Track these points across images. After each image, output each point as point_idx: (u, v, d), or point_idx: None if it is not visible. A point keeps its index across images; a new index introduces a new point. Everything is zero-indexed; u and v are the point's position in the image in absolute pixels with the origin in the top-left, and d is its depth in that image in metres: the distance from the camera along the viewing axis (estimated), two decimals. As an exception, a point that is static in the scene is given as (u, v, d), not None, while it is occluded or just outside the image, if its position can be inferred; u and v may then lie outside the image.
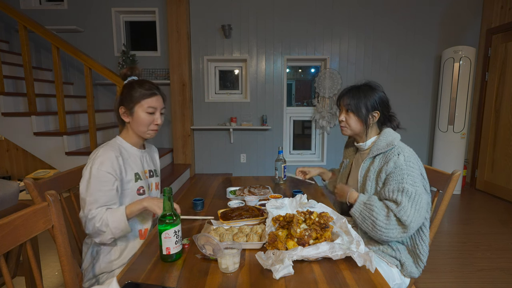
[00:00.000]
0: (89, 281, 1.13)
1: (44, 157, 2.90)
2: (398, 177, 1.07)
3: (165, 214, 0.86)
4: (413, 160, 1.11)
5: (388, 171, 1.11)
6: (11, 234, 0.71)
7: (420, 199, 1.04)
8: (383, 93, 1.25)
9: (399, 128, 1.29)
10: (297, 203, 1.13)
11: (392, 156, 1.12)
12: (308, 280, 0.76)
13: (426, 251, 1.11)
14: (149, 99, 1.17)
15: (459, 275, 1.96)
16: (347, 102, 1.24)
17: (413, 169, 1.08)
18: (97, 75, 3.79)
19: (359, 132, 1.26)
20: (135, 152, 1.23)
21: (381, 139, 1.19)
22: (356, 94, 1.23)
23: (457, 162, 3.54)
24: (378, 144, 1.19)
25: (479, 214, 3.01)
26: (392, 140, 1.16)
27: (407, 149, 1.14)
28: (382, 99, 1.23)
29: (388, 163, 1.12)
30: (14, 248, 1.13)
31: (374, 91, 1.23)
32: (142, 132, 1.20)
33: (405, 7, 3.68)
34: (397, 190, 1.05)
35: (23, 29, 2.71)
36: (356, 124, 1.24)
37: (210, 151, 3.96)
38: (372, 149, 1.20)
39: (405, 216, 1.01)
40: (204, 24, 3.71)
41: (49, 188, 1.04)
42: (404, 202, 1.03)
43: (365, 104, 1.21)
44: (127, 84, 1.20)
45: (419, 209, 1.03)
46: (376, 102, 1.22)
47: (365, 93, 1.22)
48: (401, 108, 3.83)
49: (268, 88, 3.85)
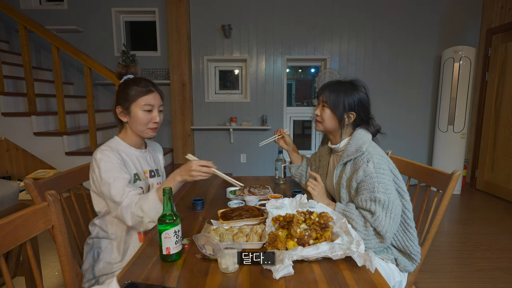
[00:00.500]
0: (89, 282, 1.13)
1: (44, 157, 2.90)
2: (370, 186, 1.04)
3: (165, 214, 0.86)
4: (383, 166, 1.07)
5: (358, 179, 1.08)
6: (11, 234, 0.71)
7: (394, 207, 1.01)
8: (365, 95, 1.19)
9: (380, 133, 1.24)
10: (297, 203, 1.13)
11: (361, 163, 1.08)
12: (308, 280, 0.76)
13: (417, 249, 1.11)
14: (145, 96, 1.14)
15: (459, 275, 1.96)
16: (325, 96, 1.19)
17: (383, 175, 1.05)
18: (97, 75, 3.79)
19: (332, 130, 1.22)
20: (134, 152, 1.21)
21: (351, 144, 1.15)
22: (336, 90, 1.18)
23: (457, 162, 3.54)
24: (348, 149, 1.15)
25: (479, 214, 3.01)
26: (361, 145, 1.11)
27: (376, 154, 1.09)
28: (361, 100, 1.18)
29: (357, 171, 1.08)
30: (14, 248, 1.12)
31: (355, 91, 1.18)
32: (141, 131, 1.18)
33: (405, 7, 3.68)
34: (370, 199, 1.03)
35: (23, 29, 2.71)
36: (330, 120, 1.19)
37: (210, 151, 3.96)
38: (343, 155, 1.17)
39: (380, 227, 1.00)
40: (204, 24, 3.71)
41: (49, 188, 1.04)
42: (378, 212, 1.01)
43: (342, 102, 1.16)
44: (123, 83, 1.17)
45: (393, 217, 1.01)
46: (354, 102, 1.16)
47: (345, 90, 1.17)
48: (401, 108, 3.83)
49: (268, 88, 3.85)
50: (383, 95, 3.82)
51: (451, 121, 3.51)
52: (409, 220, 1.11)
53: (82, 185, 1.29)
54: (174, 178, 1.06)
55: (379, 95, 3.81)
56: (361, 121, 1.20)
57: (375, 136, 1.22)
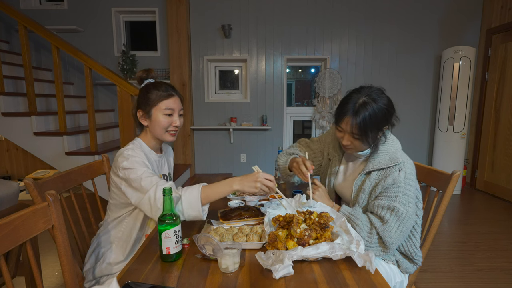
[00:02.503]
0: (90, 282, 1.13)
1: (44, 157, 2.90)
2: (392, 194, 1.00)
3: (165, 214, 0.86)
4: (412, 178, 1.04)
5: (385, 186, 1.03)
6: (11, 234, 0.71)
7: (408, 221, 0.99)
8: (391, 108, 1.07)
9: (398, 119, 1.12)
10: (296, 203, 1.13)
11: (392, 171, 1.03)
12: (308, 280, 0.76)
13: (419, 254, 1.11)
14: (166, 100, 1.15)
15: (459, 275, 1.96)
16: (355, 129, 1.02)
17: (410, 187, 1.02)
18: (97, 75, 3.79)
19: (365, 149, 1.12)
20: (153, 157, 1.22)
21: (382, 151, 1.08)
22: (363, 122, 1.00)
23: (457, 162, 3.54)
24: (381, 157, 1.07)
25: (479, 214, 3.01)
26: (395, 153, 1.06)
27: (409, 164, 1.05)
28: (391, 113, 1.06)
29: (386, 179, 1.03)
30: (14, 248, 1.12)
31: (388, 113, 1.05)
32: (161, 135, 1.18)
33: (405, 7, 3.68)
34: (387, 207, 0.99)
35: (23, 29, 2.71)
36: (362, 146, 1.09)
37: (210, 151, 3.96)
38: (373, 162, 1.08)
39: (388, 237, 0.97)
40: (204, 24, 3.71)
41: (49, 188, 1.04)
42: (391, 221, 0.97)
43: (376, 129, 1.04)
44: (144, 87, 1.19)
45: (404, 231, 0.99)
46: (385, 120, 1.05)
47: (372, 117, 1.01)
48: (401, 108, 3.83)
49: (268, 88, 3.85)
50: (383, 95, 3.82)
51: (451, 121, 3.50)
52: (417, 226, 1.09)
53: (82, 185, 1.29)
54: (232, 184, 1.00)
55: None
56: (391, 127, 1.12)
57: None
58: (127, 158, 1.06)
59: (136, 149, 1.11)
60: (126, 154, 1.08)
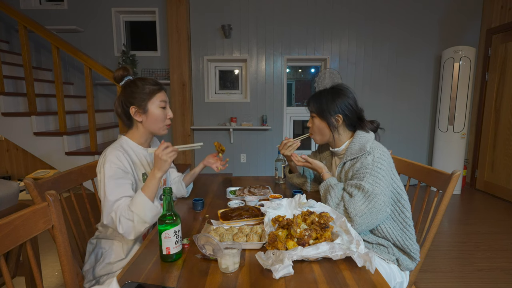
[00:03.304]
0: (90, 283, 1.12)
1: (44, 157, 2.91)
2: (361, 175, 1.10)
3: (165, 214, 0.86)
4: (382, 162, 1.10)
5: (355, 170, 1.14)
6: (11, 234, 0.71)
7: (375, 200, 1.04)
8: (348, 98, 1.23)
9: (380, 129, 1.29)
10: (296, 203, 1.13)
11: (361, 158, 1.14)
12: (308, 280, 0.76)
13: (416, 247, 1.14)
14: (159, 93, 1.17)
15: (459, 275, 1.96)
16: (311, 106, 1.28)
17: (379, 169, 1.08)
18: (97, 75, 3.80)
19: (328, 137, 1.27)
20: (142, 151, 1.22)
21: (354, 143, 1.19)
22: (318, 99, 1.25)
23: (457, 162, 3.54)
24: (352, 148, 1.19)
25: (479, 214, 3.01)
26: (365, 144, 1.16)
27: (379, 150, 1.13)
28: (345, 103, 1.22)
29: (355, 164, 1.15)
30: (14, 248, 1.13)
31: (337, 95, 1.23)
32: (158, 129, 1.19)
33: (405, 7, 3.68)
34: (355, 186, 1.09)
35: (23, 29, 2.71)
36: (321, 128, 1.26)
37: (210, 151, 3.96)
38: (346, 153, 1.21)
39: (351, 208, 1.05)
40: (204, 24, 3.71)
41: (49, 188, 1.04)
42: (357, 196, 1.06)
43: (327, 108, 1.22)
44: (131, 83, 1.17)
45: (371, 208, 1.04)
46: (336, 105, 1.22)
47: (326, 97, 1.23)
48: (401, 108, 3.83)
49: (268, 88, 3.85)
50: (383, 95, 3.82)
51: (451, 121, 3.51)
52: (407, 219, 1.13)
53: (82, 185, 1.29)
54: (154, 176, 1.06)
55: (379, 95, 3.81)
56: (352, 122, 1.24)
57: (375, 132, 1.26)
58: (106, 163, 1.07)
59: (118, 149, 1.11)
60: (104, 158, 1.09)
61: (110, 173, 1.06)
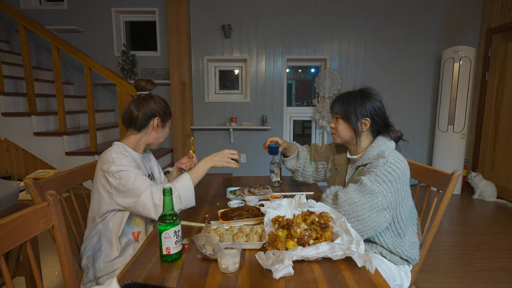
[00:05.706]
0: (90, 283, 1.13)
1: (44, 157, 2.91)
2: (366, 173, 1.07)
3: (165, 214, 0.86)
4: (394, 168, 1.03)
5: (364, 170, 1.11)
6: (11, 234, 0.71)
7: (371, 197, 1.00)
8: (378, 101, 1.18)
9: (402, 140, 1.21)
10: (296, 203, 1.13)
11: (374, 162, 1.08)
12: (308, 280, 0.76)
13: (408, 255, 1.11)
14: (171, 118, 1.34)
15: (459, 275, 1.96)
16: (336, 108, 1.21)
17: (387, 173, 1.02)
18: (97, 75, 3.79)
19: (349, 139, 1.20)
20: (136, 156, 1.23)
21: (373, 147, 1.13)
22: (346, 101, 1.18)
23: (457, 162, 3.54)
24: (369, 152, 1.12)
25: (479, 214, 3.01)
26: (384, 150, 1.09)
27: (395, 157, 1.07)
28: (374, 106, 1.16)
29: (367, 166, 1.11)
30: (14, 248, 1.12)
31: (366, 98, 1.17)
32: (157, 143, 1.30)
33: (405, 7, 3.68)
34: (354, 180, 1.09)
35: (23, 29, 2.71)
36: (345, 131, 1.19)
37: (210, 151, 3.95)
38: (363, 157, 1.14)
39: (341, 194, 1.04)
40: (204, 24, 3.71)
41: (49, 188, 1.04)
42: (351, 186, 1.05)
43: (354, 110, 1.16)
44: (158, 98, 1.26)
45: (364, 203, 1.00)
46: (366, 108, 1.15)
47: (355, 99, 1.17)
48: (401, 108, 3.83)
49: (268, 88, 3.85)
50: (383, 95, 3.80)
51: (451, 121, 3.50)
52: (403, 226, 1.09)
53: (82, 185, 1.29)
54: (207, 164, 1.23)
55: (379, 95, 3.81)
56: (378, 128, 1.18)
57: (397, 142, 1.19)
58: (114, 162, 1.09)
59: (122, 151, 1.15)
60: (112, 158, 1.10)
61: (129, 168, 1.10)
